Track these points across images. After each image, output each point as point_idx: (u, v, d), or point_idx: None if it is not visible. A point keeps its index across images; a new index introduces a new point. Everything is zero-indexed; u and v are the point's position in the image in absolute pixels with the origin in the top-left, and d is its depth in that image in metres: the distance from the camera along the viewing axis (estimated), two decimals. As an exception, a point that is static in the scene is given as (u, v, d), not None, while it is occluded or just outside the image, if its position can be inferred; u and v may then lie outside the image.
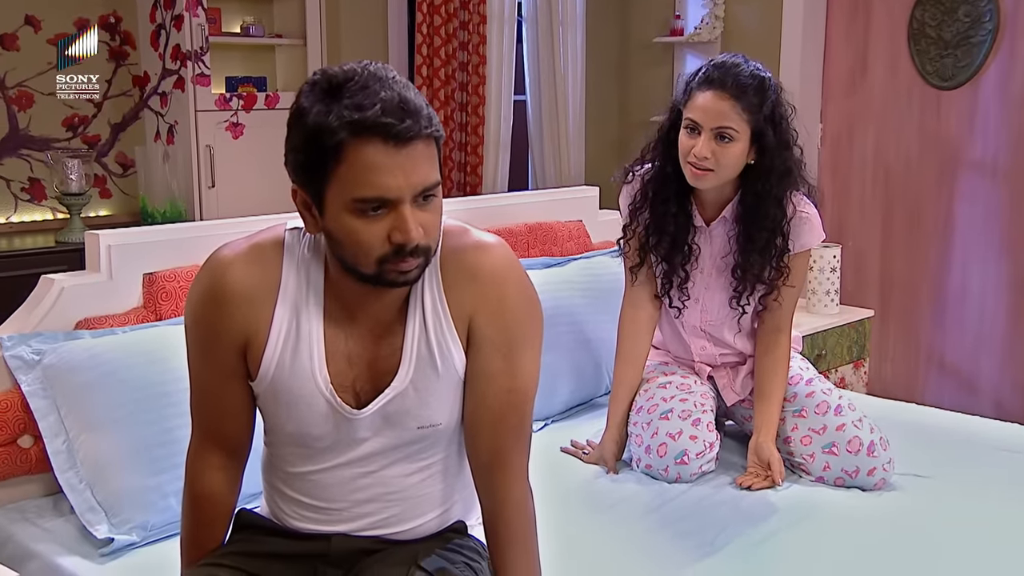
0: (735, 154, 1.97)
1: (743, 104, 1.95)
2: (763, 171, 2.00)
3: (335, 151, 1.16)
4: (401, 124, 1.15)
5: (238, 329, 1.29)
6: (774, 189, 2.01)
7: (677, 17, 4.27)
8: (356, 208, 1.18)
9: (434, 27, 3.76)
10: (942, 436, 2.29)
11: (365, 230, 1.19)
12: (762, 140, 1.98)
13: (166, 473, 1.80)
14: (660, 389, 2.12)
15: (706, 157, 1.96)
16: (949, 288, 3.78)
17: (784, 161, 2.01)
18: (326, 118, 1.15)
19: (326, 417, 1.31)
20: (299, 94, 1.21)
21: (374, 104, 1.14)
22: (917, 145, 3.80)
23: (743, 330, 2.18)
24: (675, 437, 2.01)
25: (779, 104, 2.00)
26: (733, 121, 1.95)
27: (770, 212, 2.02)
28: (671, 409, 2.06)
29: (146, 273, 2.11)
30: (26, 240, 3.22)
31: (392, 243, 1.19)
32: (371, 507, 1.37)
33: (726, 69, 1.97)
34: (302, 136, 1.18)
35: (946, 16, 3.63)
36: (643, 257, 2.14)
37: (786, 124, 2.01)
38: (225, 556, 1.37)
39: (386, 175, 1.16)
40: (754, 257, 2.04)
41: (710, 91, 1.96)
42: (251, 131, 3.48)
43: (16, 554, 1.79)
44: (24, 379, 1.89)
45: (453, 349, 1.32)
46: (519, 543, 1.36)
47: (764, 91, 1.97)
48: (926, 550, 1.73)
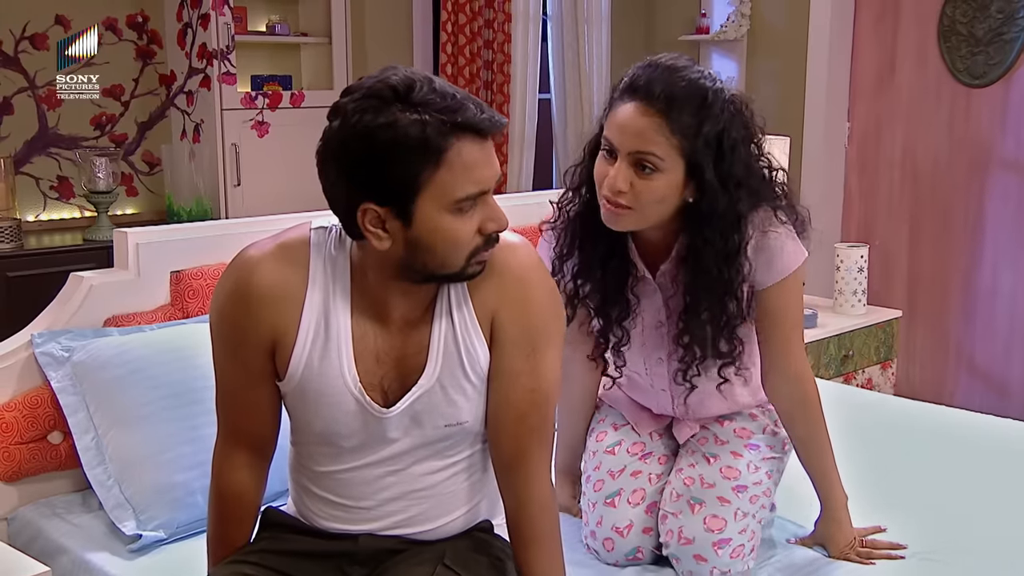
0: (659, 190, 1.49)
1: (673, 124, 1.46)
2: (704, 215, 1.52)
3: (435, 156, 1.17)
4: (491, 118, 1.19)
5: (266, 329, 1.29)
6: (718, 241, 1.52)
7: (703, 15, 4.24)
8: (456, 208, 1.20)
9: (459, 25, 3.75)
10: (972, 439, 2.25)
11: (463, 228, 1.22)
12: (700, 171, 1.49)
13: (193, 470, 1.81)
14: (608, 456, 1.74)
15: (621, 190, 1.50)
16: (979, 288, 3.73)
17: (732, 206, 1.51)
18: (423, 128, 1.15)
19: (354, 416, 1.31)
20: (353, 112, 1.16)
21: (463, 105, 1.17)
22: (947, 143, 3.75)
23: (740, 385, 1.72)
24: (623, 533, 1.65)
25: (732, 127, 1.50)
26: (657, 145, 1.47)
27: (712, 270, 1.53)
28: (619, 491, 1.68)
29: (173, 271, 2.12)
30: (54, 238, 3.25)
31: (484, 234, 1.24)
32: (398, 505, 1.37)
33: (658, 73, 1.50)
34: (385, 148, 1.15)
35: (978, 12, 3.58)
36: (573, 311, 1.67)
37: (740, 155, 1.51)
38: (251, 554, 1.37)
39: (484, 168, 1.21)
40: (696, 328, 1.58)
41: (632, 103, 1.49)
42: (276, 130, 3.50)
43: (46, 548, 1.81)
44: (54, 376, 1.91)
45: (478, 347, 1.32)
46: (543, 542, 1.36)
47: (707, 107, 1.47)
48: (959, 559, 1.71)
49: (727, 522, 1.60)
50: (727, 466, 1.66)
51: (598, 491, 1.70)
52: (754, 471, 1.68)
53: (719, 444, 1.71)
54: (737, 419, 1.76)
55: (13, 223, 3.05)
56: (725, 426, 1.74)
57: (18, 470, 1.91)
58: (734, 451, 1.69)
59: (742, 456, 1.69)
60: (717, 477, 1.65)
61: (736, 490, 1.64)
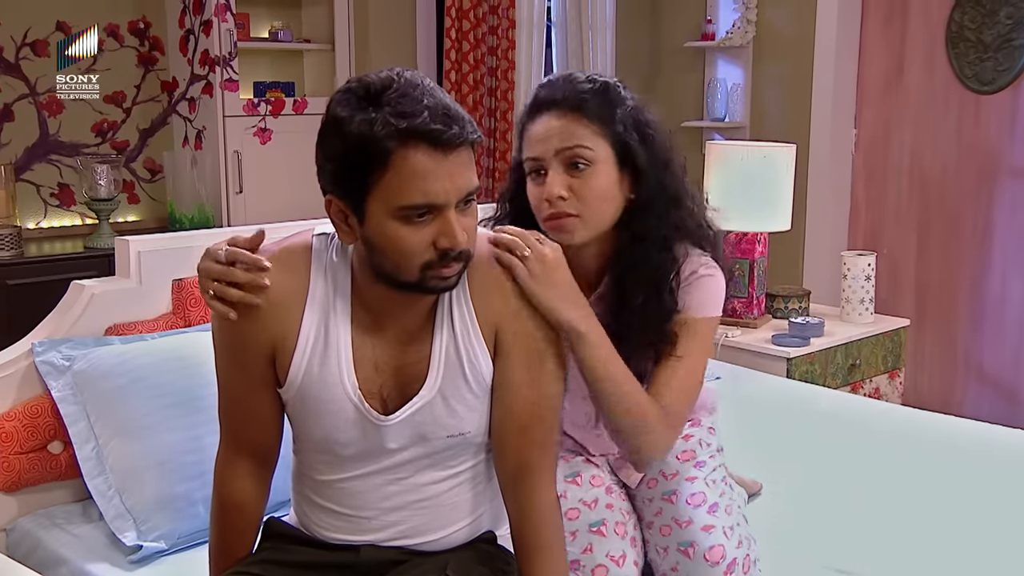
0: (601, 185, 1.47)
1: (588, 115, 1.47)
2: (643, 203, 1.50)
3: (381, 159, 1.15)
4: (448, 131, 1.15)
5: (266, 336, 1.28)
6: (657, 223, 1.49)
7: (708, 21, 4.23)
8: (402, 215, 1.17)
9: (463, 32, 3.74)
10: (981, 449, 2.23)
11: (410, 237, 1.18)
12: (631, 155, 1.48)
13: (194, 480, 1.79)
14: (572, 485, 1.62)
15: (562, 196, 1.46)
16: (988, 296, 3.70)
17: (672, 182, 1.51)
18: (371, 127, 1.14)
19: (354, 423, 1.30)
20: (333, 103, 1.19)
21: (420, 112, 1.14)
22: (955, 150, 3.73)
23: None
24: (619, 563, 1.54)
25: (640, 112, 1.51)
26: (582, 138, 1.46)
27: (652, 256, 1.49)
28: (603, 520, 1.57)
29: (175, 279, 2.11)
30: (55, 245, 3.24)
31: (438, 249, 1.19)
32: (400, 515, 1.35)
33: (555, 85, 1.51)
34: (342, 145, 1.17)
35: (987, 18, 3.56)
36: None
37: (659, 137, 1.51)
38: (253, 564, 1.36)
39: (433, 181, 1.16)
40: (630, 335, 1.47)
41: (542, 116, 1.49)
42: (279, 136, 3.49)
43: (45, 559, 1.79)
44: (55, 385, 1.90)
45: (481, 357, 1.31)
46: (547, 551, 1.35)
47: (613, 95, 1.50)
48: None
49: (724, 546, 1.56)
50: (690, 495, 1.60)
51: (575, 519, 1.57)
52: (713, 484, 1.63)
53: (670, 479, 1.63)
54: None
55: (13, 231, 3.04)
56: (666, 457, 1.64)
57: (18, 480, 1.90)
58: (687, 477, 1.62)
59: (696, 478, 1.62)
60: (688, 511, 1.58)
61: (711, 511, 1.59)
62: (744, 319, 3.15)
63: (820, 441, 2.30)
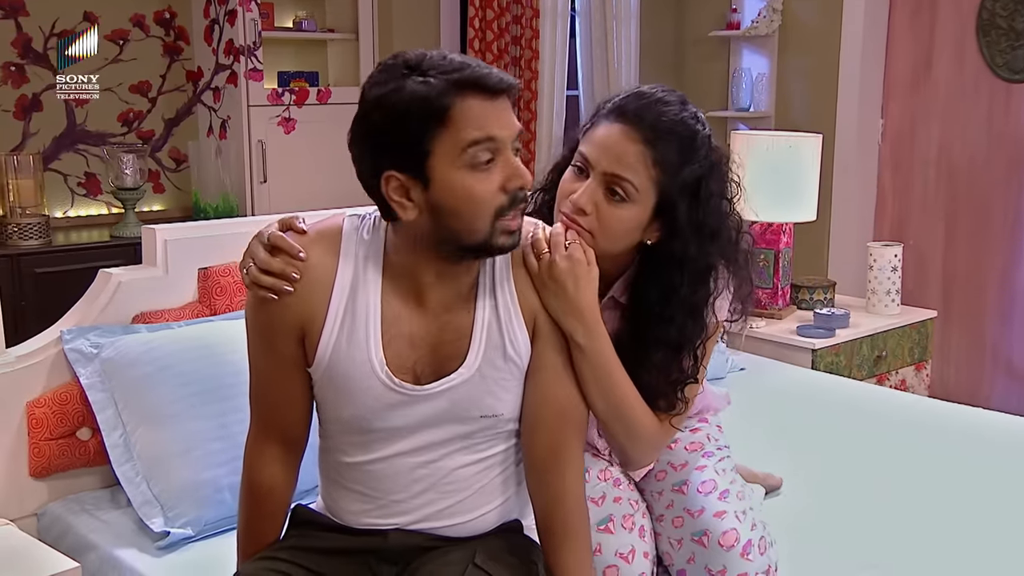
0: (624, 221, 1.41)
1: (656, 155, 1.39)
2: (666, 261, 1.43)
3: (440, 115, 1.18)
4: (497, 75, 1.20)
5: (295, 315, 1.29)
6: (685, 290, 1.43)
7: (734, 10, 4.19)
8: (469, 163, 1.20)
9: (487, 21, 3.73)
10: (1009, 441, 2.21)
11: (479, 185, 1.21)
12: (672, 215, 1.41)
13: (221, 467, 1.80)
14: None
15: (583, 210, 1.40)
16: (1016, 288, 3.65)
17: (703, 257, 1.43)
18: (426, 87, 1.18)
19: (382, 398, 1.30)
20: (370, 85, 1.22)
21: (465, 65, 1.19)
22: (985, 140, 3.68)
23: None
24: (629, 559, 1.52)
25: (713, 176, 1.43)
26: (635, 173, 1.39)
27: (677, 318, 1.43)
28: (610, 516, 1.55)
29: (201, 268, 2.12)
30: (82, 234, 3.26)
31: (507, 191, 1.22)
32: (428, 497, 1.35)
33: (648, 103, 1.43)
34: (396, 116, 1.19)
35: (1019, 5, 3.51)
36: None
37: (716, 206, 1.44)
38: (281, 550, 1.37)
39: (492, 122, 1.20)
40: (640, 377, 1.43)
41: (617, 124, 1.42)
42: (303, 126, 3.49)
43: (75, 545, 1.81)
44: (83, 372, 1.91)
45: (521, 338, 1.32)
46: (576, 538, 1.35)
47: (693, 148, 1.41)
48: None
49: (737, 529, 1.54)
50: (700, 483, 1.59)
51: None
52: (723, 473, 1.62)
53: (680, 469, 1.63)
54: (680, 436, 1.67)
55: (41, 219, 3.06)
56: (674, 448, 1.65)
57: (48, 466, 1.91)
58: (697, 466, 1.62)
59: (706, 466, 1.62)
60: (699, 499, 1.57)
61: (722, 497, 1.58)
62: (769, 310, 3.13)
63: (845, 433, 2.29)
